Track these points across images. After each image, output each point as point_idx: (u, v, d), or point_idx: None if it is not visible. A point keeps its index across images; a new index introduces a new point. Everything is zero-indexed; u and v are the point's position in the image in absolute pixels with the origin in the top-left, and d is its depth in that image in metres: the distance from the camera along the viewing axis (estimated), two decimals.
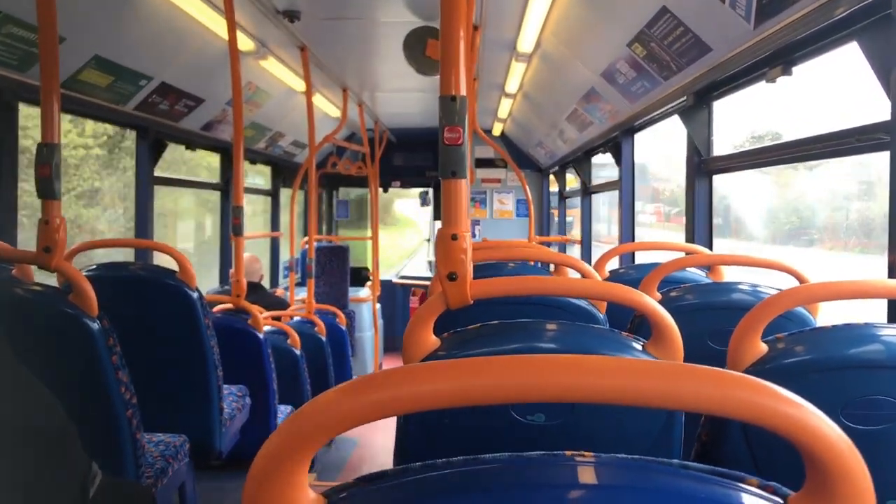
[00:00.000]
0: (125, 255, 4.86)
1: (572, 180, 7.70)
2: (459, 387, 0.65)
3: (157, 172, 4.89)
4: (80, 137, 5.30)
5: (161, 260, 4.51)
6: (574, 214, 7.73)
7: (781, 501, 0.66)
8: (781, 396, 0.63)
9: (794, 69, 2.68)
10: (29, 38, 3.02)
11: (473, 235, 8.73)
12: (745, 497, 0.66)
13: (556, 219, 8.72)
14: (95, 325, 2.13)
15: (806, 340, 1.45)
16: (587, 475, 0.67)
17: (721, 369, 0.65)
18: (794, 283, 2.18)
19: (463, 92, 1.46)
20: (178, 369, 2.95)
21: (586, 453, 0.69)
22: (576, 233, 7.48)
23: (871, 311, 2.31)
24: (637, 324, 2.10)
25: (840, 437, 0.62)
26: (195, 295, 2.90)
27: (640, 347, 1.44)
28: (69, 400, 1.43)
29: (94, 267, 2.92)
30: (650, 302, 1.43)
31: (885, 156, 2.09)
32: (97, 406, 2.16)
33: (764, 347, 1.43)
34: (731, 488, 0.67)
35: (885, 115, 2.07)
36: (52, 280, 2.59)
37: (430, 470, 0.68)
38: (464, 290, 1.45)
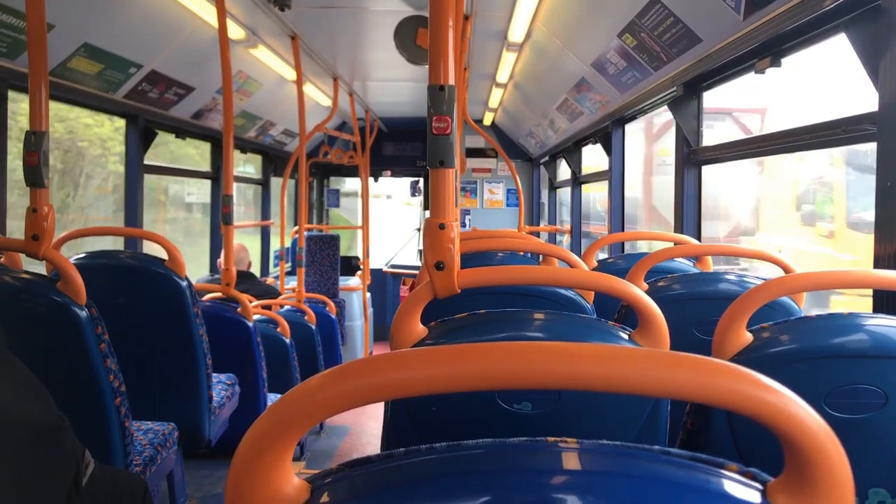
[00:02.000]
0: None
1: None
2: (442, 373, 0.65)
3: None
4: None
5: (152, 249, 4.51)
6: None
7: (761, 487, 0.67)
8: (761, 384, 0.64)
9: (784, 60, 2.69)
10: (18, 25, 3.00)
11: (464, 225, 8.73)
12: (725, 483, 0.67)
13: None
14: (83, 314, 2.12)
15: (790, 330, 1.46)
16: (569, 461, 0.68)
17: (703, 357, 0.66)
18: (780, 273, 2.20)
19: (451, 81, 1.46)
20: (167, 358, 2.94)
21: (569, 439, 0.70)
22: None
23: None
24: (624, 313, 2.11)
25: (819, 425, 0.63)
26: (184, 283, 2.90)
27: (626, 337, 1.45)
28: (57, 388, 1.44)
29: (83, 255, 2.92)
30: (636, 291, 1.44)
31: None
32: (85, 394, 2.16)
33: (749, 337, 1.44)
34: (711, 474, 0.67)
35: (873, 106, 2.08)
36: (40, 268, 2.59)
37: (413, 456, 0.68)
38: (451, 279, 1.45)
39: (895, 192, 1.93)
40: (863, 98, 2.16)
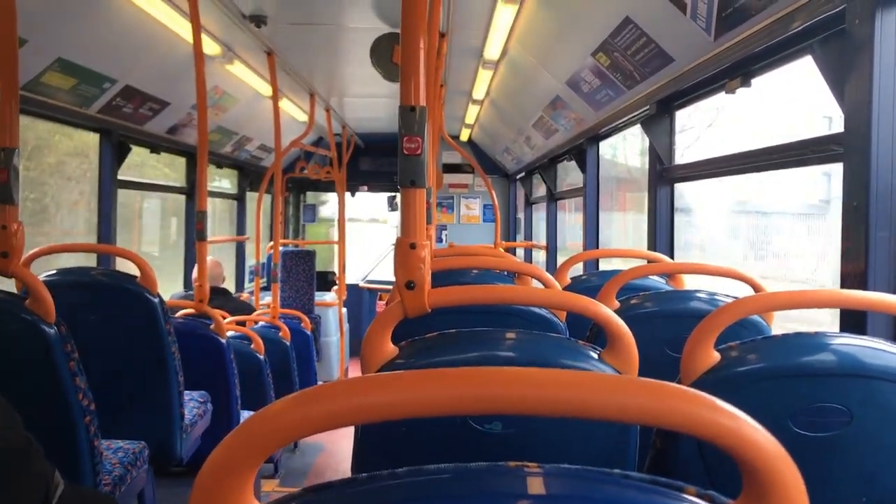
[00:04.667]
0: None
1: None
2: (404, 399, 0.66)
3: None
4: None
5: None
6: None
7: None
8: (716, 407, 0.65)
9: (753, 81, 2.72)
10: None
11: (440, 240, 8.73)
12: None
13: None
14: (52, 332, 2.10)
15: (758, 349, 1.47)
16: (531, 485, 0.68)
17: (658, 381, 0.67)
18: (751, 292, 2.22)
19: (423, 102, 1.47)
20: (139, 375, 2.91)
21: (530, 464, 0.70)
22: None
23: None
24: (595, 332, 2.12)
25: (774, 447, 0.64)
26: (156, 300, 2.87)
27: (596, 356, 1.45)
28: (25, 407, 1.42)
29: (53, 272, 2.89)
30: (605, 311, 1.45)
31: None
32: (54, 413, 2.13)
33: (717, 356, 1.45)
34: (670, 497, 0.68)
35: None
36: (9, 286, 2.56)
37: (375, 481, 0.68)
38: (422, 298, 1.45)
39: (861, 212, 1.96)
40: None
